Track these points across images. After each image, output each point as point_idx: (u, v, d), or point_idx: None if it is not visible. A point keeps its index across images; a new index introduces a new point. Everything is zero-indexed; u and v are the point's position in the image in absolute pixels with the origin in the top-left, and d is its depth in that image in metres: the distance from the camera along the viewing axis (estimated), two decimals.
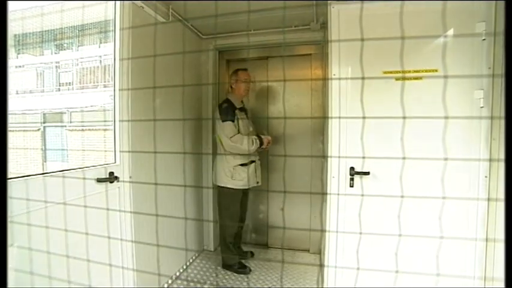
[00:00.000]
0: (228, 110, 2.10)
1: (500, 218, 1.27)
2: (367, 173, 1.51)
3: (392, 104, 1.40)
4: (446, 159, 1.08)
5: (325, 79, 2.03)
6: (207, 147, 2.56)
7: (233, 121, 2.08)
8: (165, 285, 1.98)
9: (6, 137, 0.73)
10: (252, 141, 2.10)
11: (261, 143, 2.15)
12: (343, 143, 1.53)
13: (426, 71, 1.44)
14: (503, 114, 0.48)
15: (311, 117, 2.52)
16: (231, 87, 2.26)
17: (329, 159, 1.58)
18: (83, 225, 1.16)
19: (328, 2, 1.54)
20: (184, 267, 2.26)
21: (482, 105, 1.38)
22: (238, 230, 2.36)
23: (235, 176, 2.13)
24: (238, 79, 2.21)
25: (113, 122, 1.54)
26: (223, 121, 2.07)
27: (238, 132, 2.11)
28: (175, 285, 2.03)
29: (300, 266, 2.34)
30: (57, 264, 1.12)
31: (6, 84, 0.75)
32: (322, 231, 1.81)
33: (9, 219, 0.97)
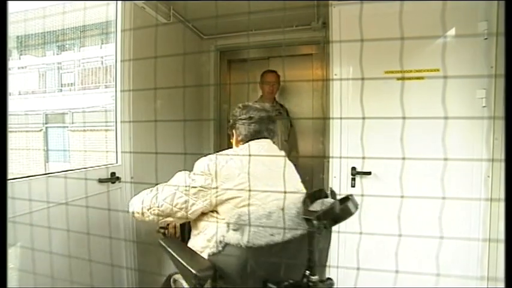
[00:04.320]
0: None
1: (503, 218, 1.26)
2: (369, 173, 1.50)
3: (394, 104, 1.39)
4: (446, 159, 1.07)
5: (326, 80, 2.03)
6: (208, 147, 2.56)
7: None
8: None
9: (6, 137, 0.74)
10: None
11: None
12: (345, 143, 1.52)
13: (428, 70, 1.44)
14: None
15: (312, 117, 2.51)
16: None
17: (331, 159, 1.58)
18: (85, 226, 1.17)
19: (329, 2, 1.54)
20: None
21: (484, 105, 1.37)
22: None
23: None
24: (263, 81, 2.24)
25: (115, 123, 1.55)
26: None
27: None
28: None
29: None
30: (59, 264, 1.13)
31: (6, 85, 0.75)
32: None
33: (12, 219, 0.98)
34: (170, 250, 0.93)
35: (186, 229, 1.17)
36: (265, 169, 0.97)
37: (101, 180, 1.42)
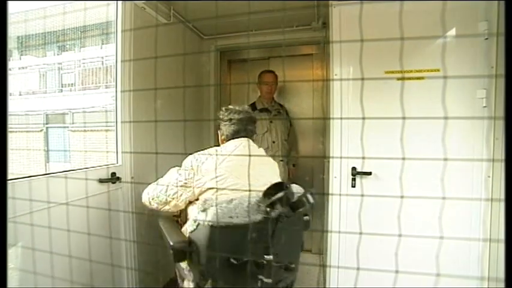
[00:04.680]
0: None
1: (503, 218, 1.26)
2: (369, 173, 1.50)
3: (394, 104, 1.39)
4: (446, 159, 1.07)
5: (326, 80, 2.03)
6: (208, 147, 2.56)
7: None
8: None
9: (6, 137, 0.74)
10: None
11: None
12: (345, 143, 1.52)
13: (428, 70, 1.44)
14: None
15: (312, 117, 2.51)
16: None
17: (331, 159, 1.58)
18: (85, 226, 1.17)
19: (329, 2, 1.54)
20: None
21: (485, 105, 1.37)
22: None
23: None
24: (260, 81, 2.28)
25: (115, 123, 1.55)
26: None
27: None
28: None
29: (303, 267, 2.33)
30: (60, 264, 1.13)
31: (6, 85, 0.75)
32: (324, 231, 1.81)
33: (13, 219, 0.98)
34: (162, 228, 1.13)
35: None
36: (240, 164, 1.13)
37: (101, 181, 1.42)
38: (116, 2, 1.51)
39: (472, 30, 1.39)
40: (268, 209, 0.89)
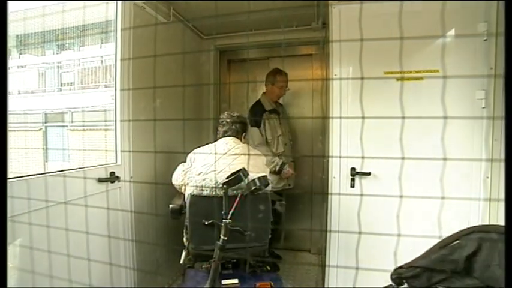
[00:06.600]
0: (255, 114, 2.08)
1: (502, 218, 1.26)
2: (368, 174, 1.50)
3: (394, 104, 1.38)
4: (445, 159, 1.07)
5: (326, 79, 2.02)
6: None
7: (259, 127, 2.05)
8: (166, 286, 1.98)
9: (6, 136, 0.73)
10: (276, 163, 2.04)
11: (280, 171, 2.05)
12: (344, 144, 1.52)
13: (428, 71, 1.44)
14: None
15: (312, 117, 2.51)
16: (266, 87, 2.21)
17: (330, 159, 1.58)
18: (84, 225, 1.17)
19: (329, 2, 1.54)
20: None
21: (484, 106, 1.37)
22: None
23: None
24: (274, 82, 2.14)
25: (114, 122, 1.54)
26: (250, 125, 1.97)
27: (266, 138, 2.08)
28: (175, 285, 2.04)
29: (302, 267, 2.34)
30: (58, 264, 1.12)
31: (6, 84, 0.75)
32: (322, 231, 1.81)
33: (11, 218, 0.97)
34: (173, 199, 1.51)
35: None
36: (222, 156, 1.46)
37: (100, 180, 1.42)
38: (115, 1, 1.51)
39: (471, 30, 1.39)
40: (225, 186, 1.19)
